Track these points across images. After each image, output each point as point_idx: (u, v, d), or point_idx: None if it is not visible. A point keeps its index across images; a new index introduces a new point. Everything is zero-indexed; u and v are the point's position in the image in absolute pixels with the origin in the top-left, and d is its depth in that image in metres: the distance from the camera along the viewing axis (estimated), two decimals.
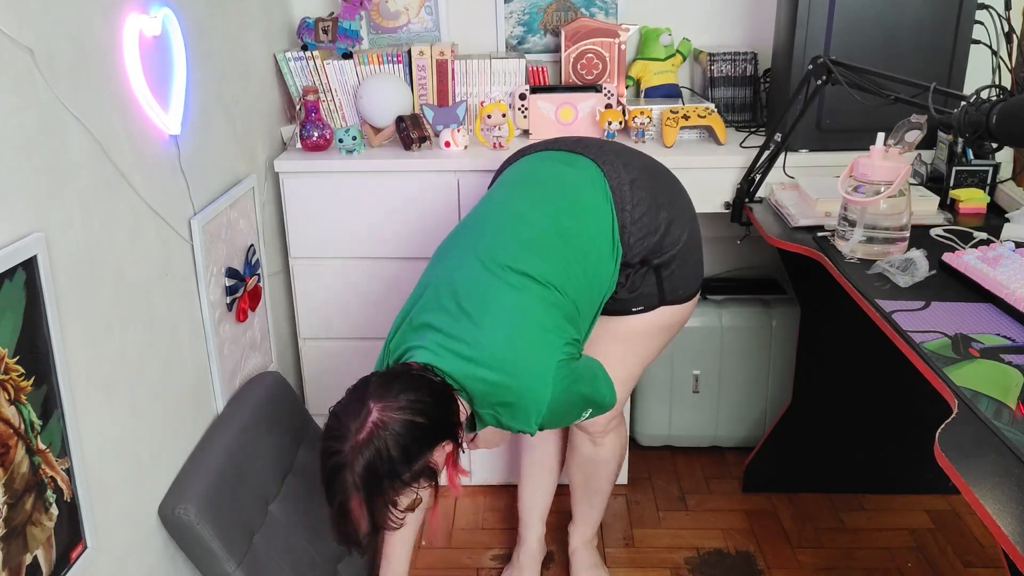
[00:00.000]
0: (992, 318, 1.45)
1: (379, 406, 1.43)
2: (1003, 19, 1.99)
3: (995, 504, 1.01)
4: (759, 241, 2.06)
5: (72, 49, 1.28)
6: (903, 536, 2.29)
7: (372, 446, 1.40)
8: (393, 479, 1.43)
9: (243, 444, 1.76)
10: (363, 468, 1.40)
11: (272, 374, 2.06)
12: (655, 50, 2.42)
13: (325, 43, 2.31)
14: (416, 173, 2.17)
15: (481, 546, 2.28)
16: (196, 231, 1.69)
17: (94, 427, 1.34)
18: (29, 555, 1.18)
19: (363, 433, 1.41)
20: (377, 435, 1.41)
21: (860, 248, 1.70)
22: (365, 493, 1.41)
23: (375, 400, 1.43)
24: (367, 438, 1.41)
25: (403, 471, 1.43)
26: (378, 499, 1.43)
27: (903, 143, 1.66)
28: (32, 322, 1.17)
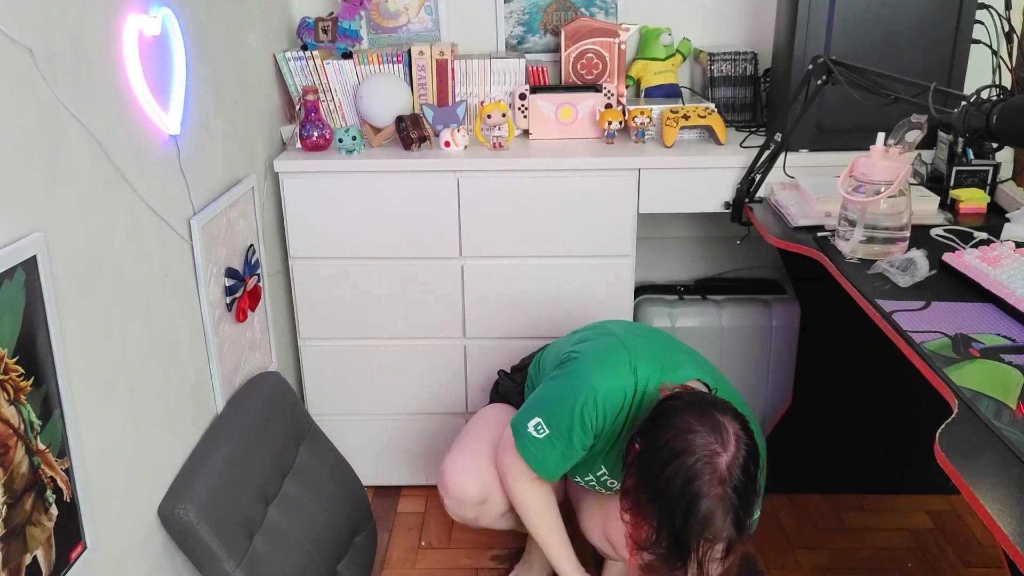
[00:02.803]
0: (992, 318, 1.44)
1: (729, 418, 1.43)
2: (1003, 19, 1.99)
3: (995, 504, 1.01)
4: (759, 241, 2.06)
5: (72, 49, 1.28)
6: (903, 536, 2.29)
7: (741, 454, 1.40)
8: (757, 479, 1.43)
9: (243, 444, 1.76)
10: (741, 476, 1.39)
11: (272, 374, 2.06)
12: (655, 50, 2.42)
13: (325, 43, 2.31)
14: (416, 173, 2.17)
15: (481, 546, 2.28)
16: (196, 231, 1.69)
17: (94, 427, 1.34)
18: (29, 555, 1.18)
19: (731, 446, 1.40)
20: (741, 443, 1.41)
21: (860, 248, 1.70)
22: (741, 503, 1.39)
23: (722, 415, 1.43)
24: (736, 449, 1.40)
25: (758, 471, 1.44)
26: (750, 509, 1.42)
27: (903, 143, 1.66)
28: (32, 322, 1.17)
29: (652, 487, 1.44)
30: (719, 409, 1.45)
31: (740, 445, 1.41)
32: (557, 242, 2.22)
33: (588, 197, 2.18)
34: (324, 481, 1.97)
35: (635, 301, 2.45)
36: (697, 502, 1.38)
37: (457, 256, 2.24)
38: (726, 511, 1.39)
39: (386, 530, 2.36)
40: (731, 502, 1.38)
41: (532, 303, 2.28)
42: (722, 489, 1.38)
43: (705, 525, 1.38)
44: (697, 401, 1.50)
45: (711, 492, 1.38)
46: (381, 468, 2.48)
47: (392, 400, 2.40)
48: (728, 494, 1.38)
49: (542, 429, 1.67)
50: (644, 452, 1.46)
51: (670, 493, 1.40)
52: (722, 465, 1.38)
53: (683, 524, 1.39)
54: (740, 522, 1.40)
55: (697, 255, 2.72)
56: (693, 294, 2.58)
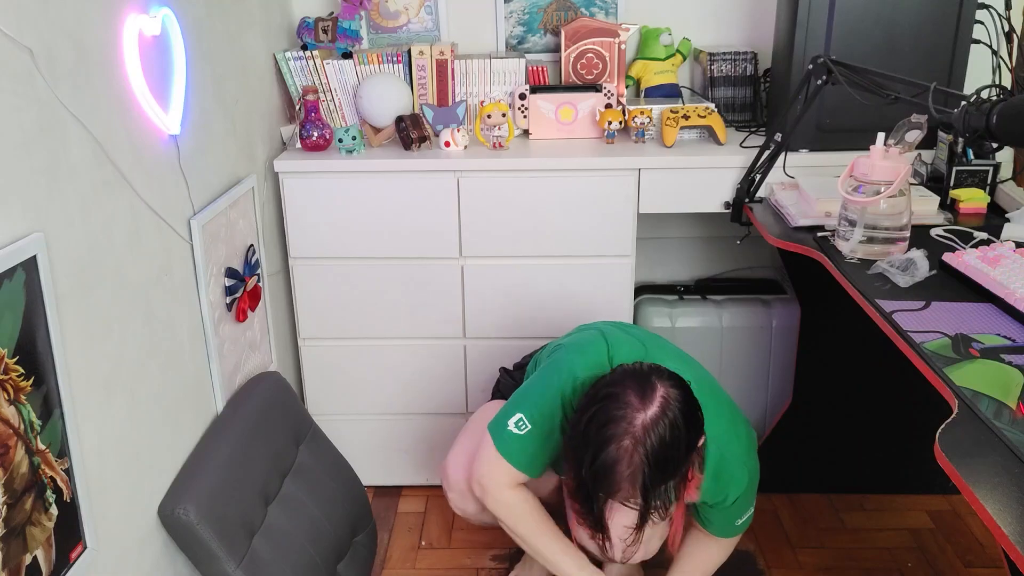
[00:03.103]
0: (992, 318, 1.44)
1: (665, 383, 1.44)
2: (1003, 19, 1.99)
3: (995, 504, 1.01)
4: (759, 241, 2.06)
5: (72, 49, 1.28)
6: (903, 536, 2.29)
7: (666, 418, 1.39)
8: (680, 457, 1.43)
9: (243, 444, 1.76)
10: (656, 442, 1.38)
11: (272, 374, 2.06)
12: (655, 50, 2.42)
13: (325, 43, 2.31)
14: (416, 173, 2.17)
15: (481, 546, 2.28)
16: (196, 231, 1.69)
17: (94, 427, 1.34)
18: (29, 555, 1.18)
19: (654, 406, 1.40)
20: (669, 408, 1.40)
21: (860, 248, 1.70)
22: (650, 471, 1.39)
23: (659, 378, 1.44)
24: (660, 411, 1.40)
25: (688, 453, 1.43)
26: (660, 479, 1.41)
27: (903, 143, 1.66)
28: (32, 322, 1.17)
29: (574, 433, 1.48)
30: (657, 374, 1.46)
31: (665, 410, 1.41)
32: (557, 242, 2.22)
33: (588, 197, 2.18)
34: (324, 481, 1.97)
35: (635, 301, 2.45)
36: (603, 449, 1.41)
37: (457, 256, 2.24)
38: (629, 466, 1.39)
39: (386, 530, 2.36)
40: (638, 460, 1.39)
41: (532, 303, 2.28)
42: (631, 444, 1.39)
43: (606, 474, 1.41)
44: (640, 366, 1.51)
45: (619, 443, 1.40)
46: (381, 468, 2.48)
47: (392, 400, 2.40)
48: (635, 450, 1.39)
49: (523, 424, 1.66)
50: (579, 403, 1.51)
51: (585, 438, 1.44)
52: (637, 421, 1.40)
53: (588, 470, 1.42)
54: (645, 487, 1.41)
55: (697, 255, 2.72)
56: (693, 294, 2.58)
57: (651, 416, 1.41)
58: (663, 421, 1.41)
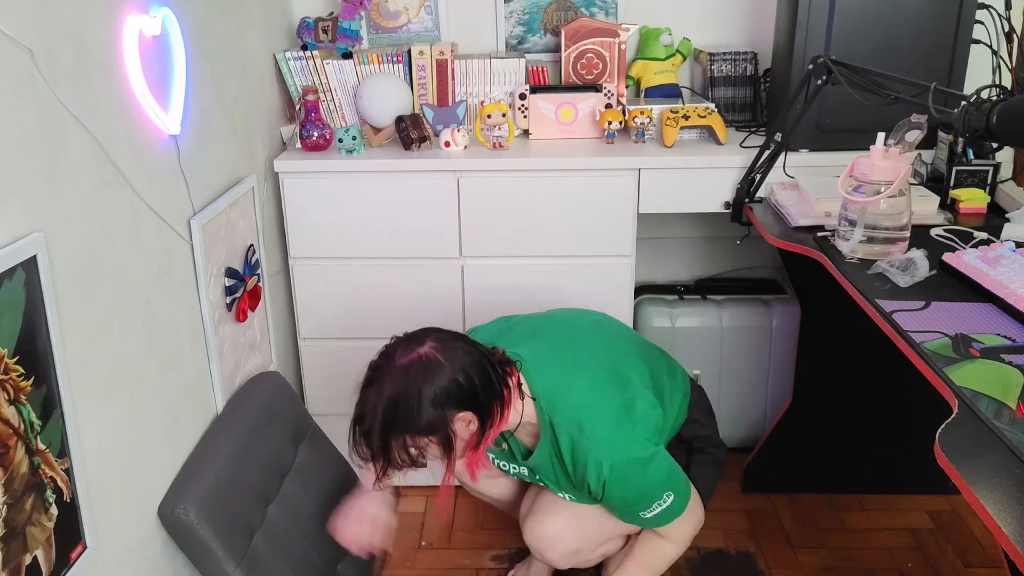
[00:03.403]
0: (992, 318, 1.44)
1: (433, 346, 1.47)
2: (1003, 19, 1.99)
3: (995, 504, 1.01)
4: (759, 241, 2.06)
5: (72, 49, 1.28)
6: (903, 536, 2.29)
7: (405, 379, 1.46)
8: (410, 419, 1.47)
9: (243, 444, 1.76)
10: (390, 396, 1.46)
11: (272, 374, 2.06)
12: (655, 50, 2.42)
13: (325, 43, 2.31)
14: (416, 173, 2.17)
15: (481, 546, 2.28)
16: (196, 231, 1.69)
17: (94, 427, 1.34)
18: (29, 555, 1.18)
19: (404, 359, 1.46)
20: (415, 368, 1.46)
21: (860, 248, 1.70)
22: (382, 422, 1.47)
23: (433, 340, 1.48)
24: (405, 366, 1.46)
25: (421, 417, 1.47)
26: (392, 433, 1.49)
27: (903, 143, 1.66)
28: (32, 322, 1.17)
29: None
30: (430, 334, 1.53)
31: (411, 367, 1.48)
32: (557, 242, 2.22)
33: (588, 197, 2.18)
34: (324, 481, 1.97)
35: (635, 301, 2.45)
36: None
37: (457, 256, 2.24)
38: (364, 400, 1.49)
39: None
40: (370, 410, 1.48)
41: (532, 303, 2.27)
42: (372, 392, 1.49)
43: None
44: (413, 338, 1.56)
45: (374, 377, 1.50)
46: None
47: None
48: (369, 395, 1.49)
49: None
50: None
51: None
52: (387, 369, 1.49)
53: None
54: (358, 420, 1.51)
55: (697, 255, 2.72)
56: (693, 294, 2.58)
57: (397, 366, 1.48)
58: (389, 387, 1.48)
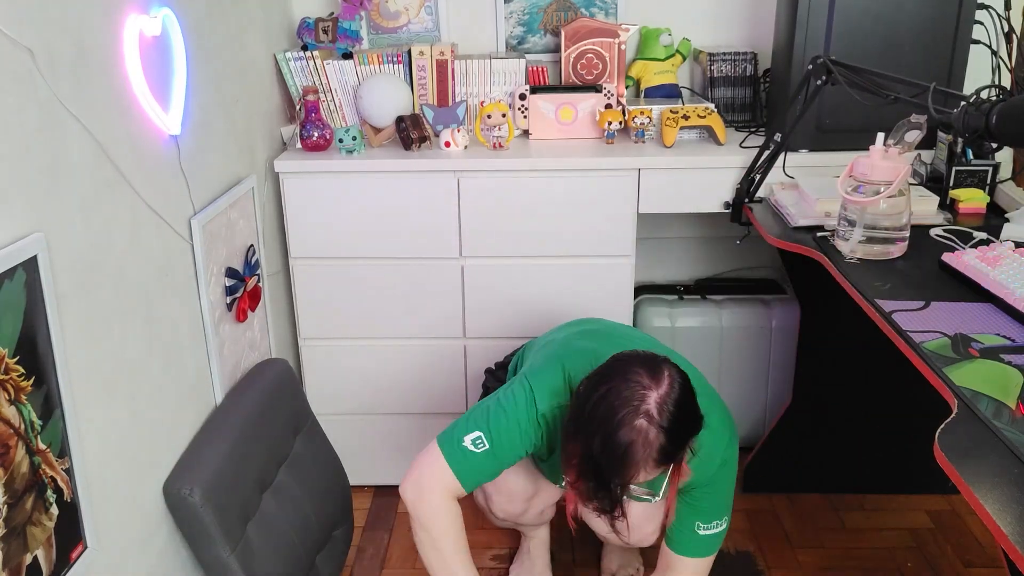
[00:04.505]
0: (992, 318, 1.45)
1: (671, 365, 1.48)
2: (1003, 19, 1.99)
3: (995, 504, 1.01)
4: (759, 241, 2.07)
5: (72, 49, 1.28)
6: (903, 536, 2.29)
7: (674, 394, 1.44)
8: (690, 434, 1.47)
9: (247, 429, 1.77)
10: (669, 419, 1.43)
11: (279, 361, 2.06)
12: (655, 50, 2.42)
13: (325, 43, 2.31)
14: (416, 173, 2.17)
15: (481, 546, 2.28)
16: (196, 231, 1.69)
17: (94, 427, 1.34)
18: (29, 555, 1.18)
19: (663, 385, 1.44)
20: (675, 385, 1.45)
21: (860, 248, 1.70)
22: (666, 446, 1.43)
23: (664, 361, 1.48)
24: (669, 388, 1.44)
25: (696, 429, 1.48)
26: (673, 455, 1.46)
27: (903, 143, 1.66)
28: (32, 322, 1.17)
29: (581, 415, 1.49)
30: (661, 358, 1.51)
31: (673, 384, 1.46)
32: (557, 242, 2.22)
33: (588, 197, 2.18)
34: (315, 473, 1.98)
35: (635, 301, 2.45)
36: (618, 430, 1.43)
37: (457, 256, 2.24)
38: (645, 446, 1.43)
39: (386, 530, 2.36)
40: (653, 438, 1.43)
41: (532, 303, 2.28)
42: (645, 423, 1.42)
43: (623, 455, 1.43)
44: (643, 351, 1.55)
45: (633, 423, 1.42)
46: (381, 468, 2.48)
47: (392, 400, 2.40)
48: (650, 428, 1.43)
49: (481, 443, 1.64)
50: (582, 388, 1.52)
51: (593, 420, 1.45)
52: (650, 400, 1.43)
53: (602, 453, 1.44)
54: (665, 455, 1.45)
55: (697, 255, 2.72)
56: (693, 294, 2.58)
57: (662, 394, 1.44)
58: (671, 398, 1.44)
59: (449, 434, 1.69)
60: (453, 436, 1.67)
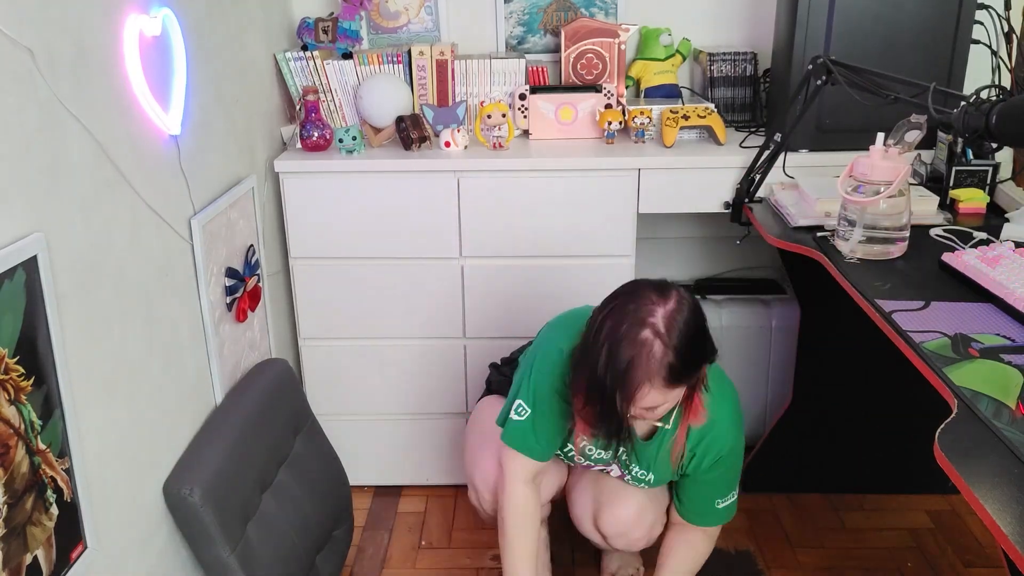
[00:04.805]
0: (992, 318, 1.45)
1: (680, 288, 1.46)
2: (1003, 19, 1.99)
3: (995, 504, 1.01)
4: (759, 241, 2.06)
5: (72, 49, 1.28)
6: (903, 536, 2.29)
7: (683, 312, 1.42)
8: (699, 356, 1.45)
9: (247, 429, 1.77)
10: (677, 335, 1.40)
11: (279, 361, 2.06)
12: (655, 50, 2.42)
13: (325, 43, 2.31)
14: (416, 173, 2.17)
15: (481, 546, 2.28)
16: (196, 231, 1.69)
17: (94, 427, 1.34)
18: (29, 555, 1.18)
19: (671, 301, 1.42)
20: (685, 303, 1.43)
21: (860, 248, 1.70)
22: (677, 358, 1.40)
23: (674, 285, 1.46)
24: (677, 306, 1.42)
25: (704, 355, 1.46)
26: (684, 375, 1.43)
27: (903, 143, 1.66)
28: (32, 322, 1.17)
29: (588, 335, 1.47)
30: (671, 282, 1.49)
31: (682, 303, 1.43)
32: (557, 242, 2.22)
33: (588, 197, 2.18)
34: (315, 473, 1.98)
35: None
36: (621, 342, 1.41)
37: (457, 256, 2.24)
38: (649, 359, 1.40)
39: (386, 530, 2.36)
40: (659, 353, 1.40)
41: (532, 303, 2.28)
42: (651, 335, 1.40)
43: (626, 369, 1.41)
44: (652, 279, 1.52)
45: (637, 335, 1.40)
46: (381, 468, 2.49)
47: (392, 400, 2.40)
48: (655, 342, 1.40)
49: (523, 410, 1.67)
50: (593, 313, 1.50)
51: (599, 336, 1.44)
52: (657, 314, 1.41)
53: (607, 367, 1.42)
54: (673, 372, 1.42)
55: (697, 255, 2.72)
56: (693, 294, 2.58)
57: (670, 309, 1.42)
58: (680, 316, 1.42)
59: (501, 415, 1.73)
60: (503, 415, 1.71)
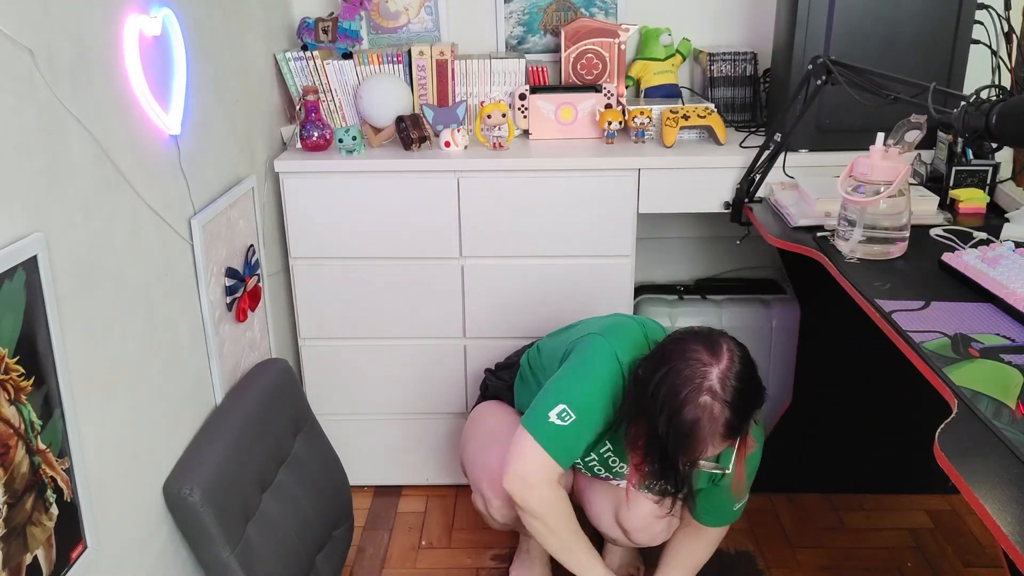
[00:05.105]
0: (992, 318, 1.45)
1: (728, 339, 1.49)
2: (1003, 19, 1.99)
3: (995, 504, 1.01)
4: (759, 241, 2.06)
5: (72, 49, 1.28)
6: (903, 536, 2.29)
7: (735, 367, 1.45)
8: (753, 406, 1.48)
9: (247, 428, 1.77)
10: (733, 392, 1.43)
11: (279, 361, 2.06)
12: (655, 50, 2.42)
13: (325, 43, 2.31)
14: (416, 173, 2.17)
15: (481, 546, 2.28)
16: (196, 231, 1.69)
17: (94, 427, 1.34)
18: (29, 555, 1.18)
19: (724, 360, 1.45)
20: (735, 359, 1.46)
21: (860, 248, 1.70)
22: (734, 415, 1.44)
23: (721, 335, 1.49)
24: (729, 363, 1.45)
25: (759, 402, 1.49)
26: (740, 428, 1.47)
27: (903, 143, 1.66)
28: (32, 322, 1.17)
29: (643, 396, 1.50)
30: (717, 332, 1.52)
31: (733, 358, 1.47)
32: (557, 242, 2.22)
33: (588, 197, 2.18)
34: (315, 473, 1.98)
35: (635, 301, 2.45)
36: (682, 410, 1.44)
37: (457, 256, 2.24)
38: (711, 422, 1.44)
39: (386, 530, 2.36)
40: (718, 413, 1.44)
41: (532, 303, 2.28)
42: (709, 399, 1.44)
43: (689, 433, 1.45)
44: (700, 328, 1.56)
45: (697, 401, 1.44)
46: (381, 468, 2.49)
47: (392, 400, 2.40)
48: (714, 404, 1.44)
49: (567, 416, 1.63)
50: (640, 371, 1.52)
51: (656, 400, 1.46)
52: (712, 376, 1.44)
53: (668, 432, 1.46)
54: (731, 429, 1.47)
55: (697, 255, 2.72)
56: (693, 294, 2.58)
57: (723, 368, 1.45)
58: (732, 372, 1.46)
59: (533, 415, 1.69)
60: (537, 416, 1.67)
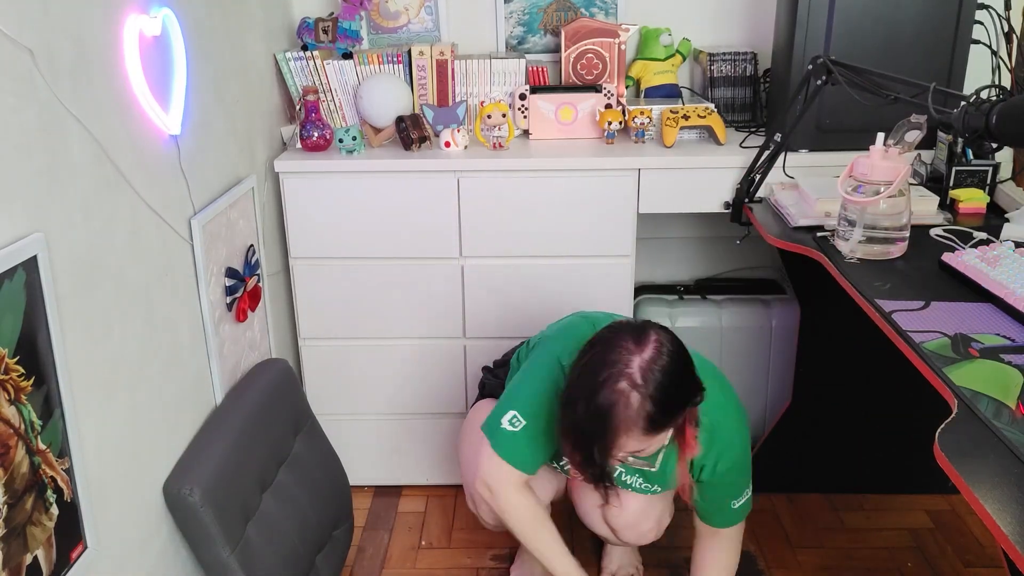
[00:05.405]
0: (992, 318, 1.45)
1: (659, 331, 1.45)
2: (1003, 19, 1.99)
3: (995, 504, 1.01)
4: (759, 241, 2.06)
5: (72, 49, 1.28)
6: (903, 536, 2.29)
7: (661, 360, 1.41)
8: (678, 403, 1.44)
9: (247, 428, 1.77)
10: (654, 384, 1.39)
11: (279, 361, 2.06)
12: (655, 50, 2.42)
13: (325, 43, 2.31)
14: (416, 173, 2.17)
15: (481, 546, 2.28)
16: (196, 231, 1.69)
17: (94, 427, 1.34)
18: (29, 555, 1.18)
19: (649, 349, 1.41)
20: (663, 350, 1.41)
21: (860, 248, 1.70)
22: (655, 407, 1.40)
23: (652, 327, 1.45)
24: (655, 353, 1.41)
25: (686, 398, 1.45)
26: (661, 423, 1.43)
27: (903, 143, 1.66)
28: (32, 322, 1.17)
29: (569, 381, 1.48)
30: (650, 324, 1.48)
31: (661, 351, 1.42)
32: (557, 242, 2.22)
33: (588, 197, 2.18)
34: (315, 473, 1.98)
35: (635, 301, 2.45)
36: (597, 393, 1.41)
37: (457, 256, 2.24)
38: (627, 408, 1.40)
39: (386, 530, 2.36)
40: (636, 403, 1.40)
41: (532, 303, 2.28)
42: (628, 386, 1.40)
43: (603, 419, 1.41)
44: (633, 319, 1.53)
45: (614, 386, 1.40)
46: (381, 468, 2.49)
47: (392, 400, 2.40)
48: (632, 392, 1.40)
49: (518, 421, 1.65)
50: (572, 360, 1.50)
51: (577, 385, 1.44)
52: (633, 364, 1.40)
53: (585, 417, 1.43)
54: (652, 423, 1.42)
55: (697, 255, 2.72)
56: (693, 294, 2.58)
57: (647, 358, 1.41)
58: (659, 363, 1.42)
59: (488, 422, 1.70)
60: (492, 423, 1.68)
